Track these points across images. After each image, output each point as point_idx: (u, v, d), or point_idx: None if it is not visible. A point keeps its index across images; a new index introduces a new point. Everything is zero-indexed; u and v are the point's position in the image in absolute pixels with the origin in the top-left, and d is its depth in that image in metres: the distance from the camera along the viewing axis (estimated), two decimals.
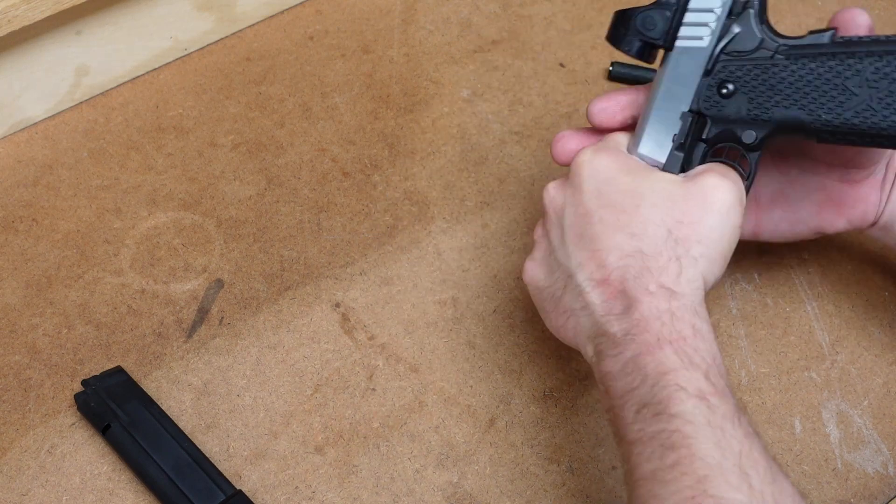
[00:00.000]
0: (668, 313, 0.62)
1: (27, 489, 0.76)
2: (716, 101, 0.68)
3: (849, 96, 0.64)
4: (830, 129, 0.65)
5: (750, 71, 0.66)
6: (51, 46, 0.91)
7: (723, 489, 0.55)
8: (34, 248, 0.88)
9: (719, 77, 0.67)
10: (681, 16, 0.68)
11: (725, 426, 0.57)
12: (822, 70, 0.64)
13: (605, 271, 0.65)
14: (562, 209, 0.69)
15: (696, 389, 0.59)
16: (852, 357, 0.82)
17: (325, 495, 0.76)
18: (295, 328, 0.84)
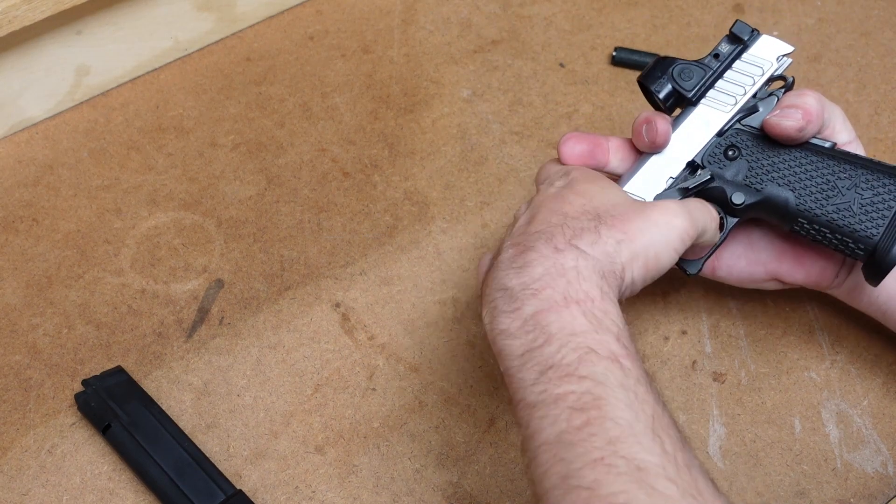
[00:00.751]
0: (575, 271, 0.60)
1: (28, 489, 0.76)
2: (719, 158, 0.74)
3: (836, 193, 0.70)
4: (810, 216, 0.71)
5: (759, 145, 0.73)
6: (51, 46, 0.91)
7: (635, 450, 0.53)
8: (35, 248, 0.88)
9: (730, 140, 0.74)
10: (715, 80, 0.75)
11: (638, 389, 0.56)
12: (822, 164, 0.71)
13: (525, 236, 0.64)
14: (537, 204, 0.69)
15: (608, 352, 0.57)
16: (852, 357, 0.82)
17: (325, 495, 0.76)
18: (295, 328, 0.84)
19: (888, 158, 0.93)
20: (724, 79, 0.75)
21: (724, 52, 0.75)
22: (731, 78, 0.75)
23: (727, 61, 0.75)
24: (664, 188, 0.73)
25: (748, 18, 1.03)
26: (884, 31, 1.02)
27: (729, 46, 0.76)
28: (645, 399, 0.56)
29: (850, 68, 1.00)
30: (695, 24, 1.03)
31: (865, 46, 1.01)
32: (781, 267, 0.77)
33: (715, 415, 0.80)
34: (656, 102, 0.76)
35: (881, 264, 0.69)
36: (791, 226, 0.72)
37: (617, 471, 0.52)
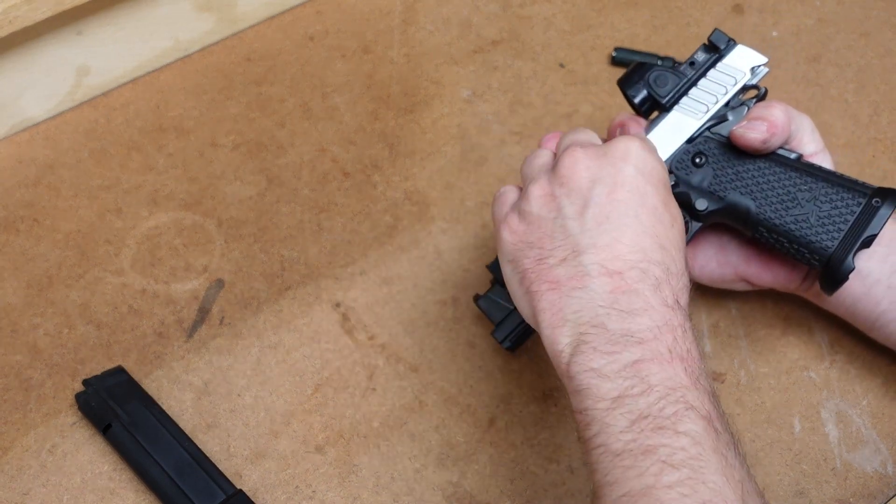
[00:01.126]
0: (681, 329, 0.60)
1: (28, 488, 0.76)
2: (686, 165, 0.75)
3: (795, 205, 0.72)
4: (769, 225, 0.73)
5: (725, 153, 0.75)
6: (52, 47, 0.92)
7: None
8: (35, 248, 0.88)
9: (698, 147, 0.75)
10: (689, 87, 0.77)
11: (728, 453, 0.55)
12: (784, 176, 0.73)
13: (622, 264, 0.62)
14: (591, 183, 0.64)
15: (705, 412, 0.56)
16: (851, 357, 0.82)
17: (325, 495, 0.76)
18: (295, 328, 0.84)
19: (887, 158, 0.93)
20: (697, 87, 0.76)
21: (700, 60, 0.77)
22: (704, 86, 0.76)
23: (702, 69, 0.77)
24: None
25: (748, 19, 1.04)
26: (883, 31, 1.03)
27: (705, 55, 0.77)
28: (734, 465, 0.55)
29: (849, 68, 1.00)
30: (694, 24, 1.03)
31: (865, 47, 1.01)
32: (749, 270, 0.78)
33: None
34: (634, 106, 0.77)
35: (835, 276, 0.71)
36: (752, 233, 0.74)
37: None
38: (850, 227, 0.70)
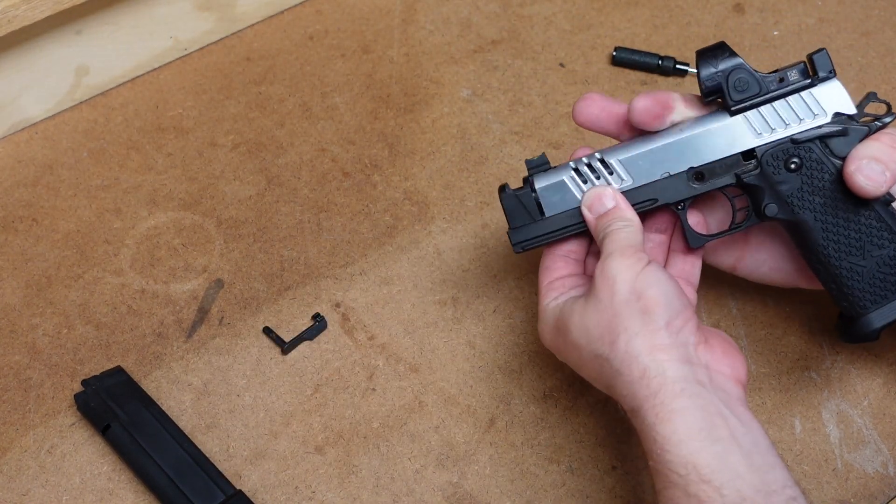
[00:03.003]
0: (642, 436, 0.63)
1: (27, 489, 0.76)
2: (779, 164, 0.69)
3: (859, 254, 0.68)
4: (822, 258, 0.70)
5: (824, 168, 0.69)
6: (51, 46, 0.91)
7: None
8: (34, 248, 0.88)
9: (799, 152, 0.69)
10: (764, 102, 0.69)
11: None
12: (865, 220, 0.68)
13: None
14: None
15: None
16: (852, 357, 0.82)
17: (325, 495, 0.76)
18: (295, 328, 0.84)
19: None
20: (774, 106, 0.69)
21: (791, 79, 0.70)
22: (781, 108, 0.69)
23: (787, 90, 0.69)
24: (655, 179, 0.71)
25: (748, 18, 1.03)
26: (884, 30, 1.02)
27: (798, 76, 0.70)
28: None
29: (850, 68, 1.00)
30: (695, 24, 1.03)
31: (866, 46, 1.01)
32: (801, 280, 0.77)
33: None
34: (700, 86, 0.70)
35: (853, 333, 0.70)
36: (802, 252, 0.72)
37: None
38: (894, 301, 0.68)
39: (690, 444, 0.60)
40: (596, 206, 0.70)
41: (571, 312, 0.67)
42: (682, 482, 0.60)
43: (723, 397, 0.63)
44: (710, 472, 0.59)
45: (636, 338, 0.63)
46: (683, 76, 0.99)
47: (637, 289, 0.65)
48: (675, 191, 0.71)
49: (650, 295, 0.64)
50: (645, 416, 0.62)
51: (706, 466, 0.60)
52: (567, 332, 0.67)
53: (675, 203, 0.72)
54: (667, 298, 0.65)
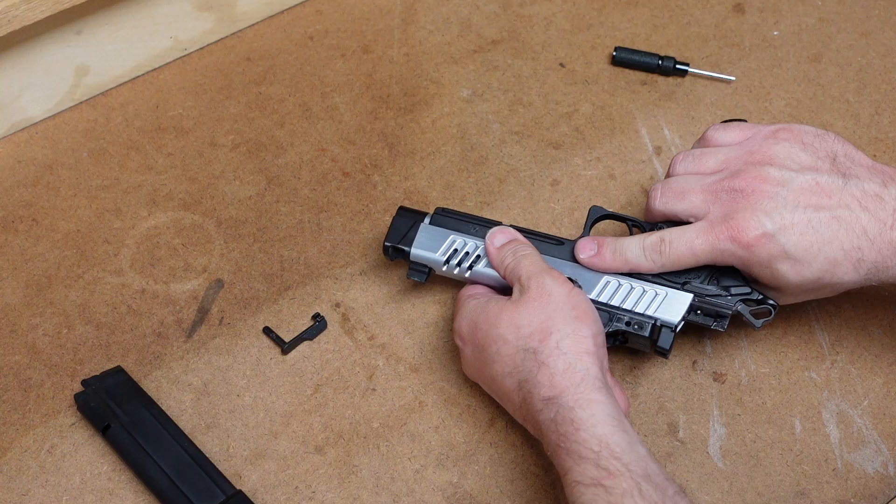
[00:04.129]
0: (552, 422, 0.69)
1: (27, 489, 0.76)
2: None
3: None
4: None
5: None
6: (51, 46, 0.91)
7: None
8: (34, 248, 0.88)
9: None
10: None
11: (626, 502, 0.64)
12: None
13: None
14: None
15: (591, 479, 0.65)
16: (852, 357, 0.82)
17: (325, 495, 0.76)
18: (295, 328, 0.84)
19: (888, 158, 0.93)
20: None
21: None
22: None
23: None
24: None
25: (748, 18, 1.03)
26: (884, 30, 1.02)
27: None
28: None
29: (850, 68, 1.00)
30: (695, 24, 1.03)
31: (866, 46, 1.01)
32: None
33: (715, 415, 0.80)
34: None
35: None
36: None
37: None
38: None
39: (605, 427, 0.67)
40: (497, 239, 0.79)
41: (501, 310, 0.74)
42: (594, 457, 0.66)
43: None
44: (621, 451, 0.66)
45: (567, 338, 0.71)
46: (683, 76, 0.99)
47: (571, 300, 0.73)
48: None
49: (582, 308, 0.73)
50: (564, 402, 0.68)
51: (617, 445, 0.66)
52: (493, 326, 0.74)
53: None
54: (595, 316, 0.73)
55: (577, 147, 0.94)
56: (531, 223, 0.90)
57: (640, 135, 0.95)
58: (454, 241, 0.80)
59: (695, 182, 0.76)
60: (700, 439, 0.78)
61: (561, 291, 0.73)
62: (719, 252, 0.74)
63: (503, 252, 0.78)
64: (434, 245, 0.81)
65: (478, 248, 0.80)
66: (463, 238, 0.81)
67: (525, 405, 0.72)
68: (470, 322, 0.76)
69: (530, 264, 0.75)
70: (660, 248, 0.76)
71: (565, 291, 0.73)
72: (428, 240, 0.81)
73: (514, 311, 0.73)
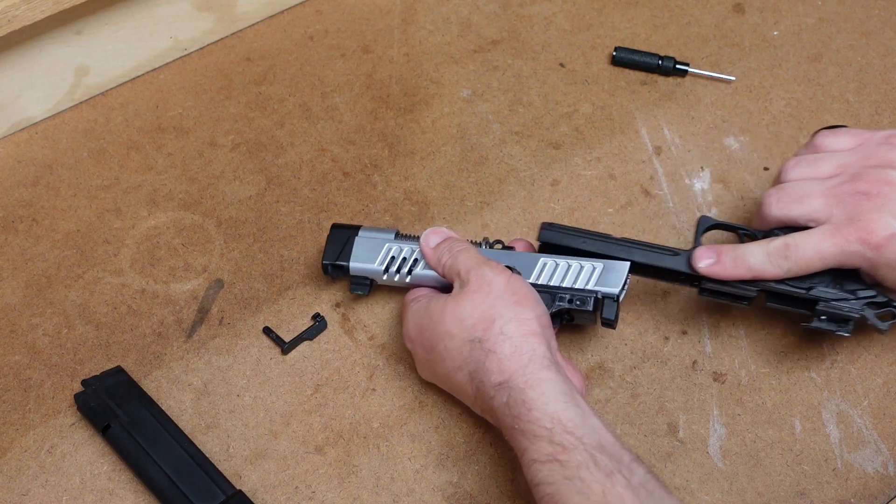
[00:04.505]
0: (506, 406, 0.70)
1: (27, 489, 0.76)
2: None
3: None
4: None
5: None
6: (51, 46, 0.91)
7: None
8: (34, 248, 0.88)
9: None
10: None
11: (582, 474, 0.65)
12: None
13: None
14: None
15: (546, 455, 0.66)
16: (852, 357, 0.82)
17: (325, 495, 0.76)
18: (295, 328, 0.84)
19: None
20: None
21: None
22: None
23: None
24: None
25: (748, 18, 1.03)
26: (884, 30, 1.02)
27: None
28: (593, 479, 0.64)
29: (850, 68, 1.00)
30: (695, 24, 1.03)
31: (866, 46, 1.01)
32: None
33: (715, 415, 0.80)
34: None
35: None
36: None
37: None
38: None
39: (556, 404, 0.68)
40: (431, 239, 0.80)
41: (443, 307, 0.75)
42: (547, 434, 0.67)
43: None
44: (574, 426, 0.67)
45: (510, 323, 0.72)
46: (683, 76, 0.99)
47: (511, 286, 0.74)
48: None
49: (523, 292, 0.74)
50: (515, 384, 0.69)
51: (569, 421, 0.67)
52: (438, 323, 0.74)
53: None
54: (536, 299, 0.74)
55: (577, 147, 0.94)
56: (531, 223, 0.90)
57: (640, 135, 0.95)
58: (390, 249, 0.81)
59: (813, 186, 0.76)
60: (700, 439, 0.78)
61: (500, 279, 0.74)
62: (847, 254, 0.73)
63: (439, 251, 0.79)
64: (371, 256, 0.81)
65: (413, 252, 0.81)
66: (398, 244, 0.81)
67: (479, 395, 0.72)
68: (416, 324, 0.77)
69: (467, 258, 0.77)
70: (785, 253, 0.75)
71: (504, 279, 0.74)
72: (364, 251, 0.82)
73: (456, 305, 0.74)
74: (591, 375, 0.81)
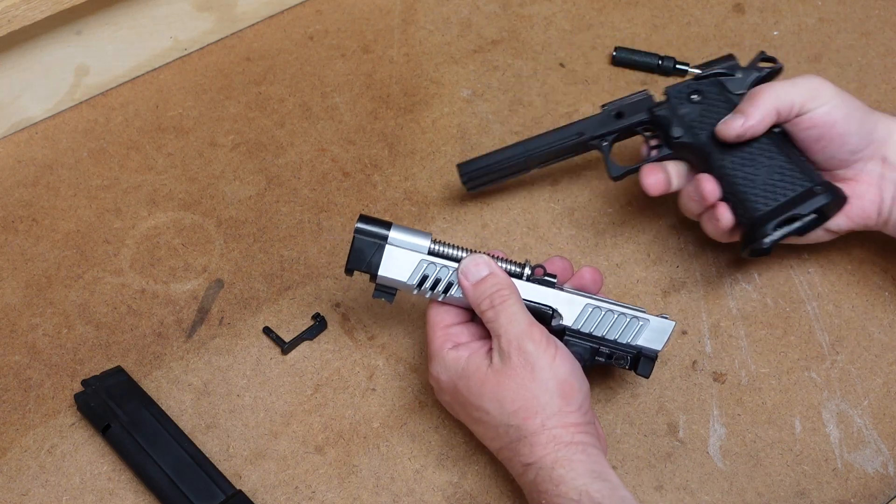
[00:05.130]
0: (532, 483, 0.70)
1: (27, 489, 0.76)
2: (683, 96, 0.83)
3: (752, 165, 0.80)
4: (722, 173, 0.80)
5: (717, 102, 0.83)
6: (51, 46, 0.91)
7: None
8: (34, 248, 0.88)
9: (701, 87, 0.83)
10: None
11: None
12: (755, 140, 0.80)
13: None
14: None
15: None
16: (852, 357, 0.82)
17: (325, 495, 0.76)
18: (295, 328, 0.84)
19: None
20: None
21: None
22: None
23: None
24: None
25: (748, 18, 1.03)
26: (884, 30, 1.02)
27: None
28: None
29: (850, 68, 1.00)
30: (695, 24, 1.03)
31: (866, 46, 1.01)
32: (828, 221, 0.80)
33: (715, 415, 0.80)
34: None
35: (753, 235, 0.79)
36: (708, 173, 0.81)
37: None
38: (784, 202, 0.78)
39: (584, 479, 0.68)
40: (472, 273, 0.74)
41: (483, 382, 0.72)
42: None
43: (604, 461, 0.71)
44: (601, 496, 0.67)
45: (552, 418, 0.70)
46: (683, 76, 0.99)
47: (556, 375, 0.71)
48: (600, 125, 0.85)
49: (569, 382, 0.71)
50: (544, 464, 0.69)
51: (597, 492, 0.67)
52: (476, 396, 0.72)
53: (600, 136, 0.85)
54: (580, 383, 0.72)
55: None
56: (531, 223, 0.90)
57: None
58: (424, 266, 0.75)
59: None
60: (700, 439, 0.78)
61: (544, 362, 0.71)
62: None
63: (479, 292, 0.74)
64: (403, 269, 0.75)
65: (449, 272, 0.75)
66: (433, 262, 0.75)
67: (506, 461, 0.72)
68: (449, 379, 0.74)
69: (508, 321, 0.72)
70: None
71: (548, 360, 0.71)
72: (396, 263, 0.75)
73: (497, 386, 0.71)
74: (592, 375, 0.81)
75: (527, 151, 0.87)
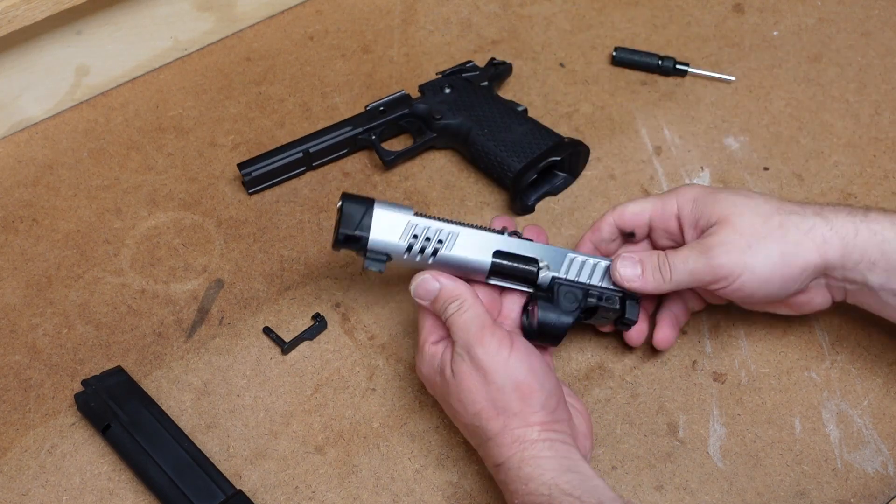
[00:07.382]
0: (504, 484, 0.70)
1: (27, 489, 0.76)
2: (438, 92, 0.94)
3: (506, 132, 0.91)
4: (480, 144, 0.91)
5: (467, 90, 0.95)
6: (51, 46, 0.91)
7: None
8: (34, 248, 0.88)
9: (451, 81, 0.96)
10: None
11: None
12: (503, 116, 0.93)
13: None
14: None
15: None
16: (853, 357, 0.82)
17: (325, 495, 0.76)
18: (295, 328, 0.84)
19: (888, 158, 0.93)
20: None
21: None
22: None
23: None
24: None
25: (748, 18, 1.03)
26: (884, 30, 1.02)
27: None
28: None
29: (850, 68, 1.00)
30: (695, 24, 1.03)
31: (866, 46, 1.01)
32: (774, 309, 0.80)
33: (715, 415, 0.80)
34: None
35: (519, 184, 0.88)
36: (471, 151, 0.91)
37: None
38: (536, 156, 0.88)
39: (552, 473, 0.68)
40: (424, 293, 0.75)
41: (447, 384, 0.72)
42: (546, 500, 0.67)
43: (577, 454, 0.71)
44: (571, 487, 0.67)
45: (514, 418, 0.70)
46: (683, 76, 0.99)
47: (511, 377, 0.70)
48: (368, 120, 0.93)
49: (526, 383, 0.71)
50: (512, 465, 0.69)
51: (567, 483, 0.67)
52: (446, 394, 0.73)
53: (368, 129, 0.92)
54: (539, 382, 0.71)
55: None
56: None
57: (640, 135, 0.95)
58: (414, 225, 0.74)
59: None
60: (700, 439, 0.78)
61: (496, 364, 0.70)
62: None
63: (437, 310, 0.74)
64: (392, 230, 0.74)
65: (439, 231, 0.74)
66: (421, 220, 0.75)
67: (484, 461, 0.73)
68: (428, 373, 0.74)
69: (459, 329, 0.72)
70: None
71: (501, 364, 0.70)
72: (385, 225, 0.74)
73: (458, 390, 0.71)
74: (591, 375, 0.81)
75: (303, 148, 0.91)
